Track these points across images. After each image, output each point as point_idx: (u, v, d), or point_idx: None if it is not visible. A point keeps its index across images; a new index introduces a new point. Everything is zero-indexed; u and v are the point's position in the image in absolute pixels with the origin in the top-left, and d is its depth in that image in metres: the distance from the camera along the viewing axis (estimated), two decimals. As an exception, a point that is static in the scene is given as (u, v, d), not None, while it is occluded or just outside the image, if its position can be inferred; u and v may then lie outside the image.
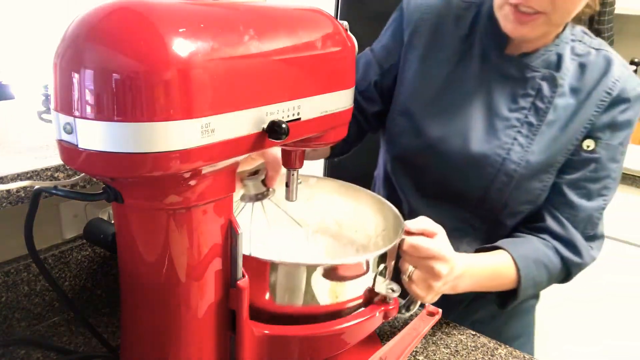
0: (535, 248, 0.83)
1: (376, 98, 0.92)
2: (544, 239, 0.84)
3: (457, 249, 0.86)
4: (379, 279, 0.65)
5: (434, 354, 0.76)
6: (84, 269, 0.82)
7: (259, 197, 0.69)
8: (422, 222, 0.71)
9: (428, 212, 0.73)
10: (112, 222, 0.57)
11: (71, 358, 0.71)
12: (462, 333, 0.81)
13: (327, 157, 1.00)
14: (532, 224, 0.86)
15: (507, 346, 0.78)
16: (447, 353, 0.76)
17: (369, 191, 0.79)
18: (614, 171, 0.83)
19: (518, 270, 0.80)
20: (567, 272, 0.85)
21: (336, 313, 0.63)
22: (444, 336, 0.80)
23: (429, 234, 0.70)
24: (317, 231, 0.79)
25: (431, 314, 0.77)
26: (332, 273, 0.60)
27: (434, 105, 0.85)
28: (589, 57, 0.81)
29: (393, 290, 0.65)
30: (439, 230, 0.71)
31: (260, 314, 0.60)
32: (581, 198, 0.82)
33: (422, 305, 0.77)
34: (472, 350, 0.77)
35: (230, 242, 0.54)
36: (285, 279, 0.59)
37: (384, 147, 0.96)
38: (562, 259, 0.83)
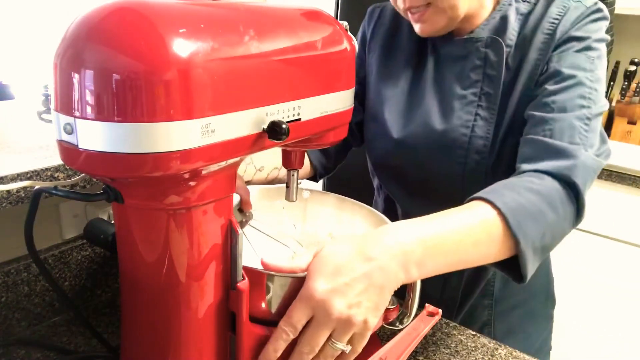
0: (510, 182, 0.66)
1: (357, 107, 0.92)
2: (519, 174, 0.69)
3: None
4: None
5: (434, 354, 0.76)
6: (84, 269, 0.82)
7: (242, 224, 0.69)
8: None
9: (419, 212, 0.63)
10: (112, 222, 0.57)
11: (71, 358, 0.71)
12: (462, 333, 0.81)
13: (309, 177, 0.97)
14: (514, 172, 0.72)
15: (507, 346, 0.78)
16: (447, 353, 0.76)
17: (362, 204, 0.79)
18: (585, 78, 0.70)
19: (490, 202, 0.60)
20: (568, 186, 0.66)
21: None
22: (444, 336, 0.80)
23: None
24: (310, 244, 0.78)
25: (431, 314, 0.76)
26: None
27: (398, 106, 0.86)
28: (530, 10, 0.78)
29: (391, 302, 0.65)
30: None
31: (258, 321, 0.60)
32: (554, 112, 0.70)
33: (421, 307, 0.77)
34: (472, 350, 0.77)
35: (230, 243, 0.54)
36: (281, 290, 0.59)
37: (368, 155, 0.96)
38: (551, 174, 0.66)
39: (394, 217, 0.97)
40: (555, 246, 0.66)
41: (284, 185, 0.68)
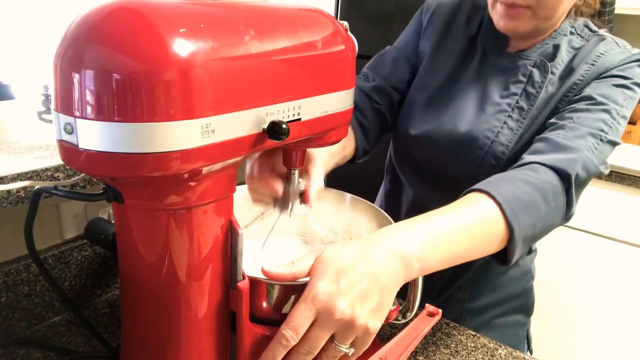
0: (510, 174, 0.69)
1: (406, 90, 0.95)
2: (518, 166, 0.71)
3: None
4: None
5: (434, 354, 0.76)
6: (84, 269, 0.82)
7: (285, 206, 0.67)
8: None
9: (429, 198, 0.71)
10: (113, 221, 0.57)
11: (71, 358, 0.71)
12: (462, 333, 0.81)
13: (350, 161, 0.95)
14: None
15: (507, 347, 0.78)
16: (447, 353, 0.76)
17: (363, 200, 0.80)
18: (614, 110, 0.73)
19: (487, 193, 0.63)
20: (561, 178, 0.68)
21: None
22: (444, 336, 0.80)
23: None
24: (312, 240, 0.78)
25: (431, 315, 0.76)
26: None
27: (434, 97, 0.89)
28: (584, 46, 0.82)
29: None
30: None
31: (258, 321, 0.60)
32: (572, 123, 0.73)
33: (421, 307, 0.77)
34: (472, 350, 0.77)
35: (230, 242, 0.54)
36: (281, 294, 0.60)
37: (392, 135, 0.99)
38: (549, 167, 0.68)
39: (395, 201, 0.96)
40: (542, 237, 0.69)
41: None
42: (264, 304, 0.60)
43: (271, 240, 0.75)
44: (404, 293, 0.70)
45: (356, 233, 0.81)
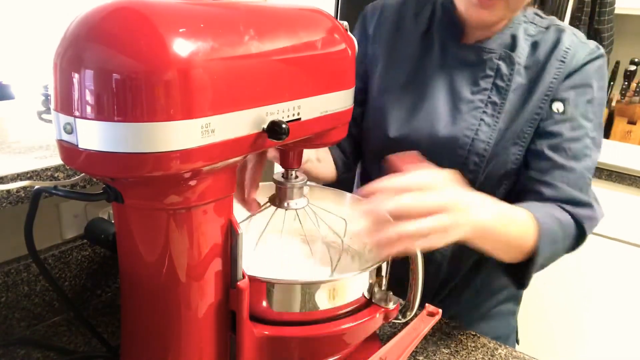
0: (541, 205, 0.78)
1: (362, 98, 0.95)
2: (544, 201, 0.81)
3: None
4: (376, 289, 0.66)
5: (434, 354, 0.76)
6: (84, 269, 0.82)
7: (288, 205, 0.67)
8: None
9: None
10: (113, 222, 0.57)
11: (71, 358, 0.71)
12: (462, 333, 0.81)
13: (333, 179, 0.99)
14: (528, 200, 0.83)
15: (507, 346, 0.78)
16: (447, 353, 0.76)
17: (362, 198, 0.79)
18: (591, 130, 0.82)
19: (534, 217, 0.73)
20: (579, 228, 0.79)
21: (335, 317, 0.63)
22: (444, 336, 0.80)
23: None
24: (311, 239, 0.78)
25: (431, 314, 0.76)
26: (328, 289, 0.61)
27: (400, 100, 0.89)
28: (540, 36, 0.84)
29: (390, 301, 0.66)
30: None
31: (258, 321, 0.60)
32: (569, 160, 0.81)
33: (421, 307, 0.77)
34: (472, 350, 0.77)
35: (230, 242, 0.54)
36: (282, 295, 0.60)
37: (358, 149, 0.99)
38: (570, 214, 0.79)
39: None
40: (544, 268, 0.79)
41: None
42: (264, 304, 0.60)
43: (270, 239, 0.75)
44: (404, 293, 0.70)
45: (356, 232, 0.81)
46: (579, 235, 0.79)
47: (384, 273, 0.67)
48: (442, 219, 0.58)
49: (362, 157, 1.01)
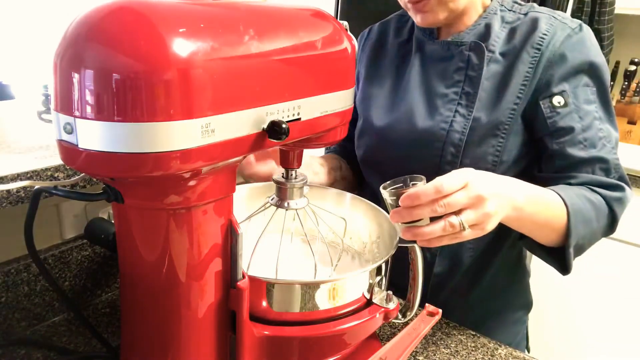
0: (569, 187, 0.79)
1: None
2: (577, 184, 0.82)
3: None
4: (376, 290, 0.66)
5: (434, 354, 0.76)
6: (84, 269, 0.82)
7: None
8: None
9: None
10: (113, 221, 0.57)
11: (71, 358, 0.71)
12: (462, 333, 0.81)
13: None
14: None
15: (507, 346, 0.78)
16: (447, 353, 0.76)
17: (363, 199, 0.80)
18: (595, 111, 0.83)
19: (563, 199, 0.75)
20: (610, 211, 0.81)
21: (335, 317, 0.63)
22: (444, 336, 0.80)
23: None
24: (311, 239, 0.78)
25: (431, 314, 0.76)
26: (328, 289, 0.61)
27: (383, 102, 0.93)
28: (518, 22, 0.85)
29: (390, 301, 0.66)
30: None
31: (259, 321, 0.60)
32: (588, 149, 0.81)
33: (421, 307, 0.77)
34: (472, 350, 0.77)
35: (230, 242, 0.54)
36: (282, 295, 0.60)
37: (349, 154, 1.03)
38: (601, 195, 0.80)
39: None
40: (588, 248, 0.81)
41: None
42: (264, 304, 0.60)
43: (270, 239, 0.75)
44: (404, 293, 0.70)
45: (356, 232, 0.81)
46: (612, 220, 0.81)
47: (383, 273, 0.67)
48: (483, 209, 0.62)
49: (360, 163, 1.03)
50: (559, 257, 0.78)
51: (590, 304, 1.82)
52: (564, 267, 0.79)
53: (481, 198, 0.62)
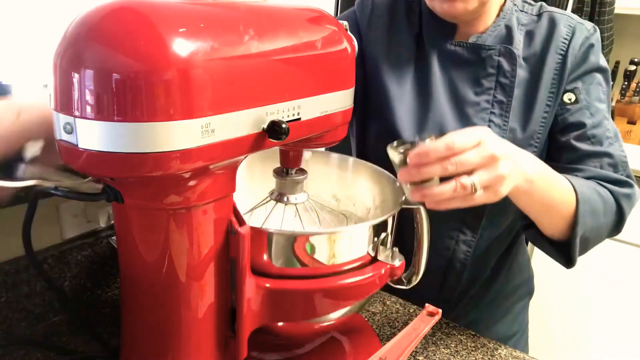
0: (579, 178, 0.78)
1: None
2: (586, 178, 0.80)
3: (454, 251, 0.85)
4: (381, 248, 0.63)
5: (434, 354, 0.76)
6: (84, 269, 0.82)
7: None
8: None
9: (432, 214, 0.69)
10: (112, 222, 0.57)
11: (71, 358, 0.71)
12: (462, 333, 0.81)
13: None
14: None
15: (507, 346, 0.78)
16: (447, 353, 0.76)
17: (366, 162, 0.77)
18: (605, 111, 0.82)
19: (572, 185, 0.73)
20: (618, 207, 0.79)
21: (339, 273, 0.61)
22: (444, 336, 0.80)
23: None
24: (314, 206, 0.76)
25: (431, 314, 0.76)
26: (331, 241, 0.58)
27: (408, 107, 0.85)
28: (533, 25, 0.83)
29: (395, 259, 0.63)
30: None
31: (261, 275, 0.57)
32: (596, 145, 0.80)
33: (423, 305, 0.77)
34: (472, 350, 0.77)
35: (230, 242, 0.54)
36: (283, 247, 0.57)
37: (359, 155, 0.95)
38: (609, 190, 0.78)
39: None
40: (593, 245, 0.80)
41: (277, 148, 0.65)
42: (265, 257, 0.57)
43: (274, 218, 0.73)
44: (407, 264, 0.67)
45: (359, 197, 0.79)
46: (620, 217, 0.79)
47: (389, 231, 0.64)
48: (496, 170, 0.59)
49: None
50: (564, 249, 0.76)
51: (592, 305, 1.82)
52: (568, 260, 0.77)
53: (494, 157, 0.59)
